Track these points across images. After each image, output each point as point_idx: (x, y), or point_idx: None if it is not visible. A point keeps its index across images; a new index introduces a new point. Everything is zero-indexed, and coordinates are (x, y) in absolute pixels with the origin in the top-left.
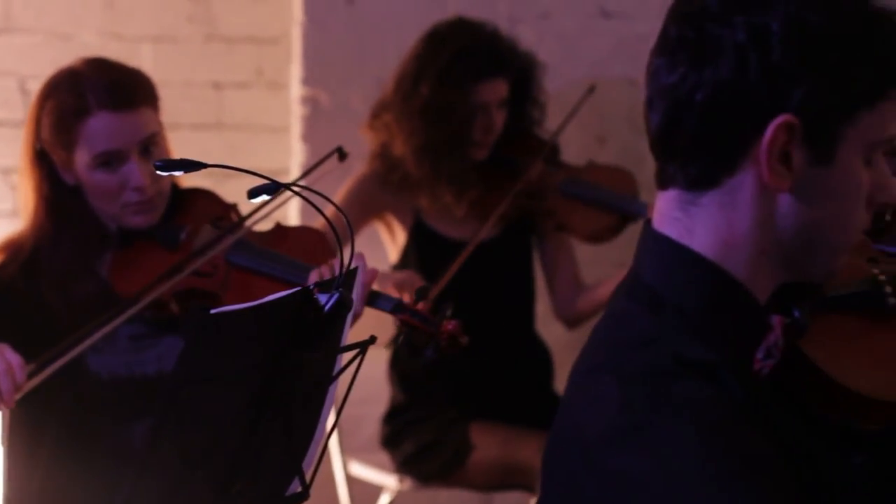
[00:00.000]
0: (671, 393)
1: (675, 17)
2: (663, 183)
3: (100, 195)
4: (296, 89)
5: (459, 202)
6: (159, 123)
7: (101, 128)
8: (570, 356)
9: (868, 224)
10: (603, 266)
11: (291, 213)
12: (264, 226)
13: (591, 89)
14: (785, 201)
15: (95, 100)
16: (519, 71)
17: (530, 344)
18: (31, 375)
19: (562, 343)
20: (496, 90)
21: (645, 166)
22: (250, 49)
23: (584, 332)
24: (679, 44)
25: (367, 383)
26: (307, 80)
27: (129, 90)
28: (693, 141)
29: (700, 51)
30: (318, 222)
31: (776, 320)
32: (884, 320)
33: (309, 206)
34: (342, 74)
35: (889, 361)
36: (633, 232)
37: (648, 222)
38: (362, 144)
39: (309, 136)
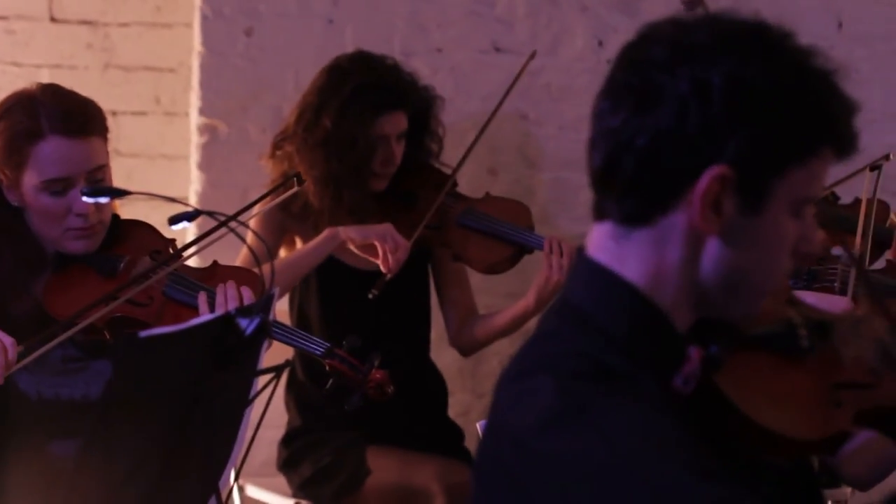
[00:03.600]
0: (605, 388)
1: (623, 63)
2: (599, 215)
3: (43, 218)
4: (193, 118)
5: None
6: (107, 155)
7: (51, 152)
8: (463, 383)
9: (791, 271)
10: (494, 296)
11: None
12: (205, 261)
13: (533, 55)
14: (713, 244)
15: (49, 124)
16: (418, 104)
17: (426, 370)
18: None
19: (454, 370)
20: (396, 123)
21: (535, 198)
22: (148, 78)
23: (476, 359)
24: (624, 89)
25: (262, 406)
26: (205, 109)
27: (82, 118)
28: (630, 182)
29: (643, 98)
30: (237, 254)
31: (694, 352)
32: (796, 361)
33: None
34: (240, 104)
35: (797, 400)
36: (525, 263)
37: (581, 249)
38: (261, 174)
39: (206, 165)
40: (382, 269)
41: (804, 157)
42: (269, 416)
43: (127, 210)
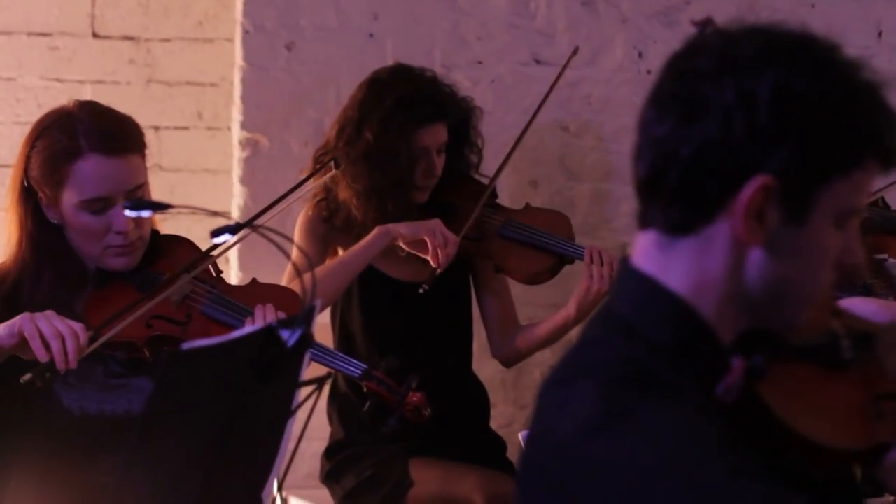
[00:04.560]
0: (648, 393)
1: (670, 73)
2: (644, 223)
3: (83, 235)
4: (235, 132)
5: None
6: (146, 172)
7: (90, 170)
8: (505, 394)
9: (834, 283)
10: (535, 306)
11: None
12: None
13: (576, 51)
14: (756, 255)
15: (87, 142)
16: (458, 115)
17: (468, 382)
18: None
19: (496, 381)
20: (437, 135)
21: (576, 210)
22: (190, 92)
23: (518, 370)
24: (670, 99)
25: (305, 418)
26: (247, 123)
27: (120, 136)
28: (675, 191)
29: (689, 107)
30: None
31: (737, 363)
32: (839, 371)
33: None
34: (281, 118)
35: (839, 411)
36: (566, 273)
37: (626, 258)
38: (302, 187)
39: (248, 179)
40: (432, 263)
41: (849, 169)
42: (311, 428)
43: (169, 224)
